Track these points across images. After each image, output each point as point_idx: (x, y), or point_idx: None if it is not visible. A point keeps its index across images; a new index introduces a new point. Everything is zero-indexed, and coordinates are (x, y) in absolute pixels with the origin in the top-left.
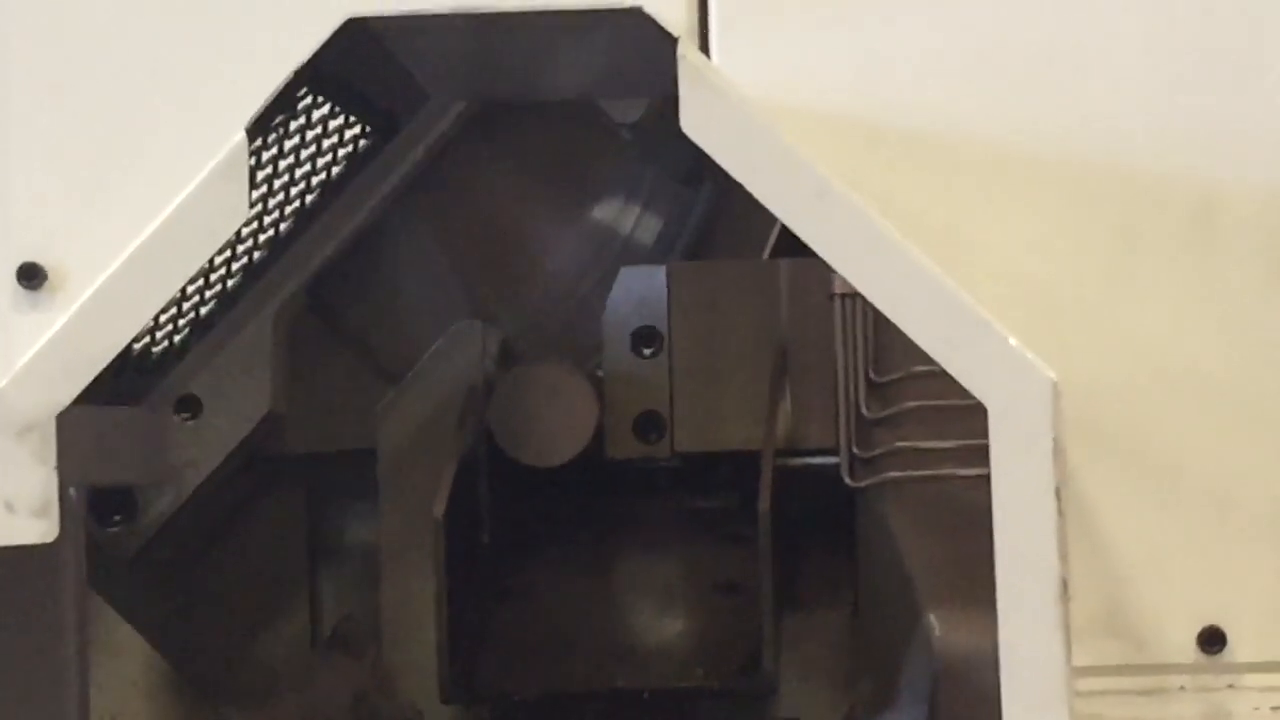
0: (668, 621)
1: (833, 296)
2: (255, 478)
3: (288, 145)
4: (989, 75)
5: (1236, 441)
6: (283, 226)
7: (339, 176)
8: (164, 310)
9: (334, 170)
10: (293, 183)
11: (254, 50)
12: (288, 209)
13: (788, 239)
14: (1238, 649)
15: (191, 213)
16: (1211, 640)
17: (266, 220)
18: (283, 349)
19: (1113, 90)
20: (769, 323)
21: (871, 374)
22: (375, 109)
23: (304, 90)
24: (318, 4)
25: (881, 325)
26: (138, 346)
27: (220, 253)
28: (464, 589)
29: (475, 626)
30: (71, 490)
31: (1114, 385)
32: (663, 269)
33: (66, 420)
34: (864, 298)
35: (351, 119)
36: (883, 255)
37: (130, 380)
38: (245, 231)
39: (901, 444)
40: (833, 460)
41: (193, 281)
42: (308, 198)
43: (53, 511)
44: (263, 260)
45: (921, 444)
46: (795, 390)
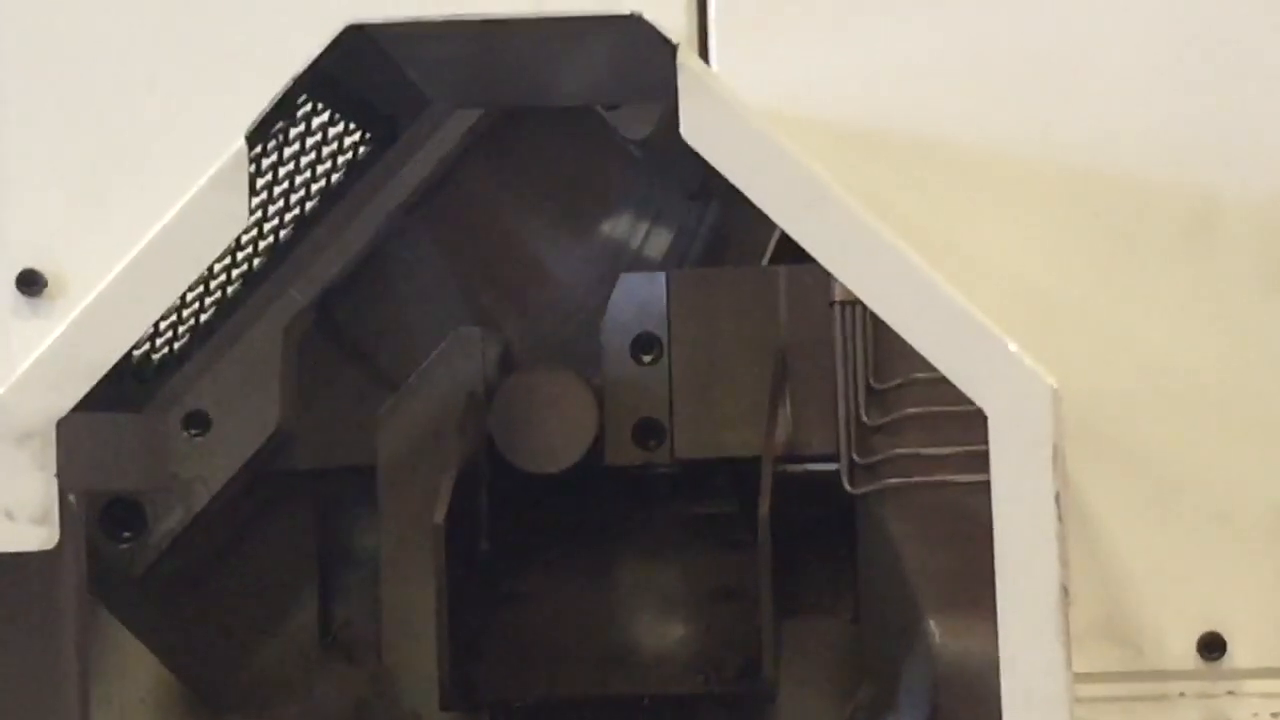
0: (667, 627)
1: (832, 303)
2: (264, 493)
3: (288, 152)
4: (988, 83)
5: (1236, 448)
6: (283, 234)
7: (340, 183)
8: (164, 317)
9: (334, 177)
10: (293, 190)
11: (254, 57)
12: (288, 216)
13: (787, 245)
14: (1237, 655)
15: (191, 220)
16: (1211, 646)
17: (266, 227)
18: (292, 365)
19: (1112, 98)
20: (768, 330)
21: (871, 380)
22: (376, 115)
23: (304, 97)
24: (317, 11)
25: (881, 332)
26: (138, 353)
27: (220, 260)
28: (464, 595)
29: (475, 632)
30: (71, 497)
31: (1113, 392)
32: (662, 276)
33: (66, 427)
34: (864, 304)
35: (352, 125)
36: (882, 261)
37: (131, 387)
38: (245, 239)
39: (901, 450)
40: (832, 467)
41: (193, 288)
42: (308, 205)
43: (53, 518)
44: (263, 267)
45: (921, 450)
46: (795, 397)
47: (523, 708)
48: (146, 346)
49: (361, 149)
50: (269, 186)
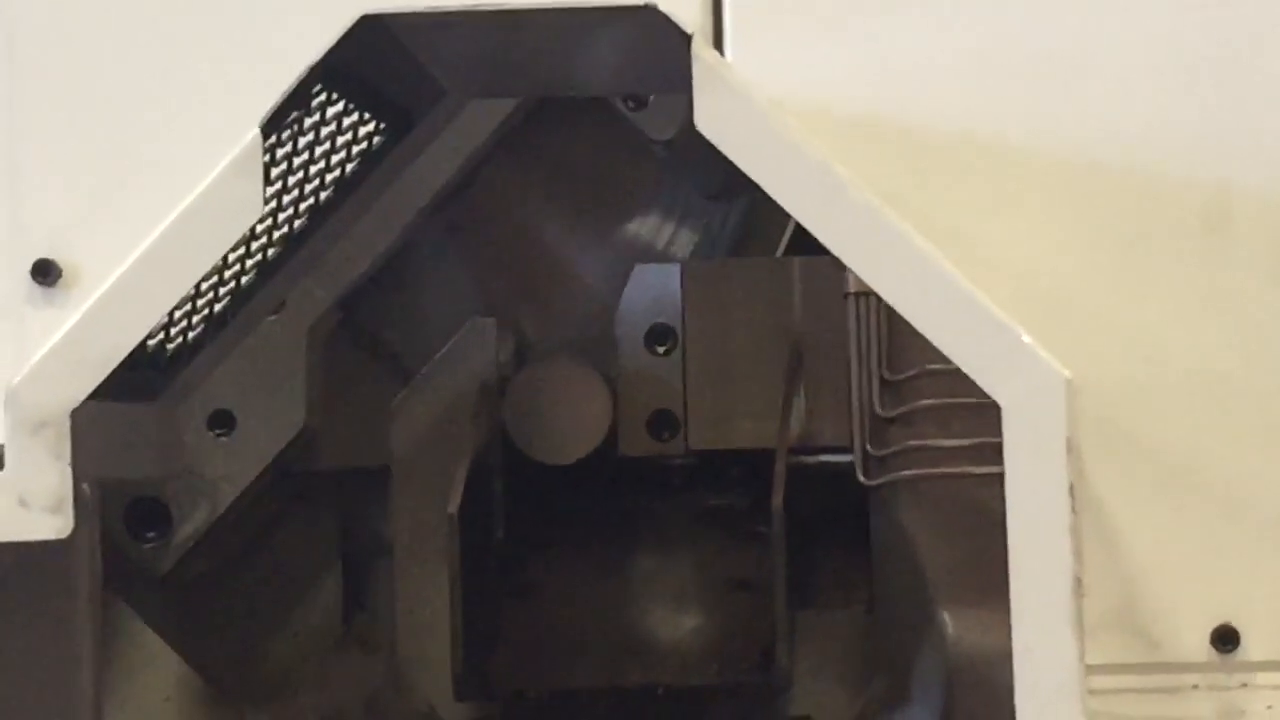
0: (681, 618)
1: (847, 295)
2: (288, 492)
3: (302, 142)
4: (1002, 77)
5: (1250, 441)
6: (297, 224)
7: (355, 174)
8: (178, 306)
9: (349, 167)
10: (307, 180)
11: (268, 47)
12: (302, 206)
13: (801, 237)
14: (1251, 648)
15: (205, 209)
16: (1225, 639)
17: (281, 217)
18: (316, 364)
19: (1125, 92)
20: (783, 321)
21: (885, 372)
22: (391, 105)
23: (318, 87)
24: (332, 1)
25: (895, 323)
26: (152, 343)
27: (235, 249)
28: (478, 586)
29: (489, 623)
30: (85, 486)
31: (1127, 384)
32: (677, 267)
33: (81, 416)
34: (878, 296)
35: (367, 115)
36: (897, 253)
37: (145, 377)
38: (260, 228)
39: (915, 442)
40: (846, 458)
41: (207, 278)
42: (323, 195)
43: (67, 507)
44: (278, 258)
45: (935, 442)
46: (809, 388)
47: (536, 698)
48: (161, 336)
49: (376, 139)
50: (283, 176)
